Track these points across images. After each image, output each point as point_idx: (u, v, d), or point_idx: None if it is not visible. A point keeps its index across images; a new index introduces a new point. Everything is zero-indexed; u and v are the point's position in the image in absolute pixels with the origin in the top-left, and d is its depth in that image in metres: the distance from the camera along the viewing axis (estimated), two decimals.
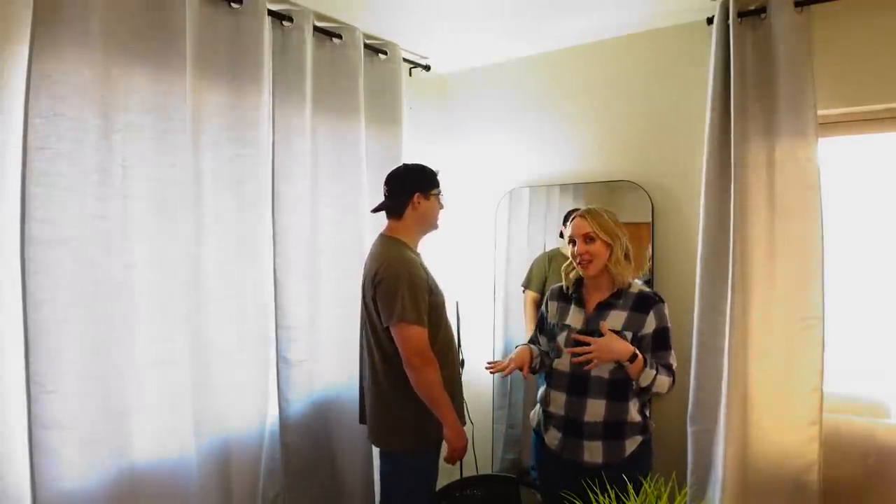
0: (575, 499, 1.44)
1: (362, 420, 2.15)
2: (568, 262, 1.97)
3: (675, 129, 2.46)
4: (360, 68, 2.40)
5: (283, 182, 2.13)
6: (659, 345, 1.84)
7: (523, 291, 2.83)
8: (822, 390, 2.01)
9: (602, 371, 1.82)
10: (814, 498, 2.02)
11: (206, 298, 1.91)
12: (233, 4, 1.96)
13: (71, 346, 1.55)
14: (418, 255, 2.07)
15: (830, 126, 2.16)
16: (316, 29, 2.24)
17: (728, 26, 2.10)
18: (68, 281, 1.55)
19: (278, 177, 2.12)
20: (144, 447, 1.71)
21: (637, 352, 1.77)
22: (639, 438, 1.86)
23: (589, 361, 1.73)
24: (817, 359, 2.01)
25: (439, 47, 2.78)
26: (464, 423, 2.06)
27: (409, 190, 2.02)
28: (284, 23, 2.14)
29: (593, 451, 1.83)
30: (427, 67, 2.90)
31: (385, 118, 2.58)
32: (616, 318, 1.84)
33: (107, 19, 1.61)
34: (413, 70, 2.83)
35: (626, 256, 1.88)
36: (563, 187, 2.78)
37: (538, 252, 2.86)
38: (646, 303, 1.85)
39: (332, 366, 2.31)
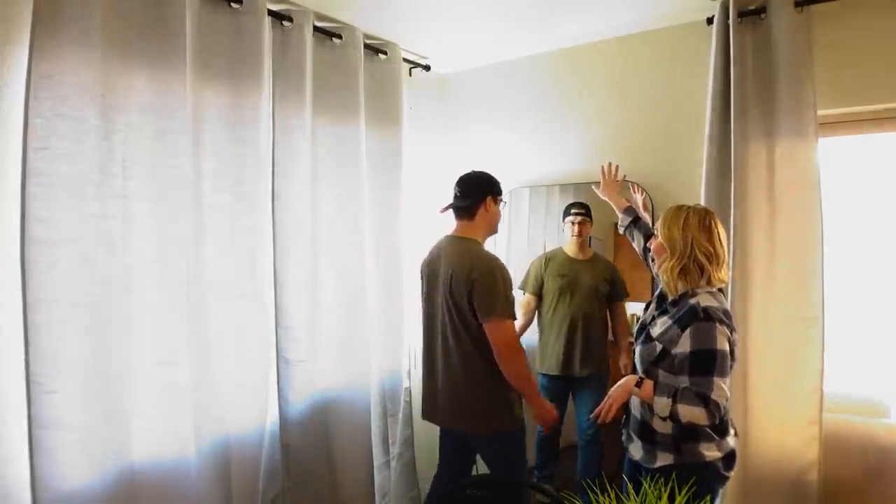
0: (575, 499, 1.44)
1: (428, 415, 2.27)
2: None
3: (675, 129, 2.46)
4: (360, 68, 2.40)
5: (283, 182, 2.13)
6: (694, 369, 1.59)
7: (523, 294, 2.80)
8: (822, 390, 2.02)
9: (640, 367, 1.75)
10: (814, 498, 2.02)
11: (206, 298, 1.91)
12: (233, 4, 1.96)
13: (71, 346, 1.55)
14: None
15: (830, 126, 2.16)
16: (316, 29, 2.24)
17: (728, 26, 2.10)
18: (68, 281, 1.55)
19: (278, 177, 2.12)
20: (144, 447, 1.71)
21: (642, 377, 1.66)
22: (669, 457, 1.67)
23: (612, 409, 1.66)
24: (817, 359, 2.02)
25: (439, 47, 2.78)
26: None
27: (484, 193, 2.17)
28: (284, 23, 2.14)
29: (635, 449, 1.76)
30: (427, 67, 2.90)
31: (385, 118, 2.58)
32: (661, 325, 1.70)
33: (107, 19, 1.61)
34: (413, 70, 2.83)
35: (683, 270, 1.67)
36: (563, 187, 2.78)
37: (538, 252, 2.85)
38: (688, 318, 1.62)
39: (332, 366, 2.31)
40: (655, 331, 1.71)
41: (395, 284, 2.61)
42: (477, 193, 2.17)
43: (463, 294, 2.05)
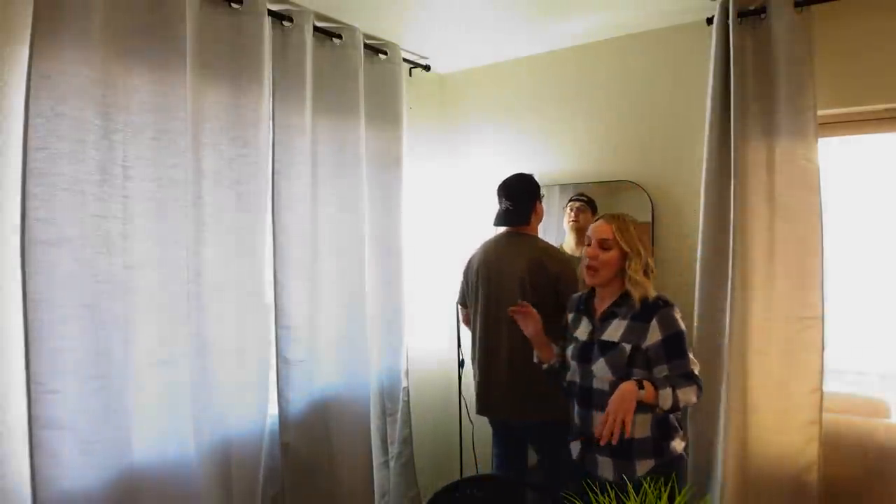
0: (575, 499, 1.44)
1: (484, 410, 2.38)
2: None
3: (674, 130, 2.46)
4: (360, 68, 2.40)
5: (283, 182, 2.13)
6: (671, 353, 1.68)
7: None
8: (822, 390, 2.02)
9: (603, 384, 1.73)
10: (814, 498, 2.02)
11: (206, 298, 1.91)
12: (233, 4, 1.96)
13: (71, 346, 1.55)
14: None
15: (830, 126, 2.16)
16: (316, 29, 2.24)
17: (728, 26, 2.10)
18: (68, 281, 1.55)
19: (278, 177, 2.12)
20: (144, 447, 1.71)
21: (640, 380, 1.63)
22: (650, 462, 1.71)
23: (623, 433, 1.56)
24: (817, 359, 2.01)
25: (439, 47, 2.78)
26: None
27: (533, 198, 2.32)
28: (284, 23, 2.14)
29: (605, 467, 1.76)
30: (427, 67, 2.90)
31: (385, 118, 2.58)
32: (616, 329, 1.75)
33: (107, 19, 1.61)
34: (413, 70, 2.83)
35: (645, 269, 1.77)
36: (563, 187, 2.78)
37: None
38: (648, 311, 1.72)
39: (332, 366, 2.31)
40: (614, 335, 1.75)
41: (395, 284, 2.62)
42: (529, 201, 2.30)
43: (547, 286, 2.19)
